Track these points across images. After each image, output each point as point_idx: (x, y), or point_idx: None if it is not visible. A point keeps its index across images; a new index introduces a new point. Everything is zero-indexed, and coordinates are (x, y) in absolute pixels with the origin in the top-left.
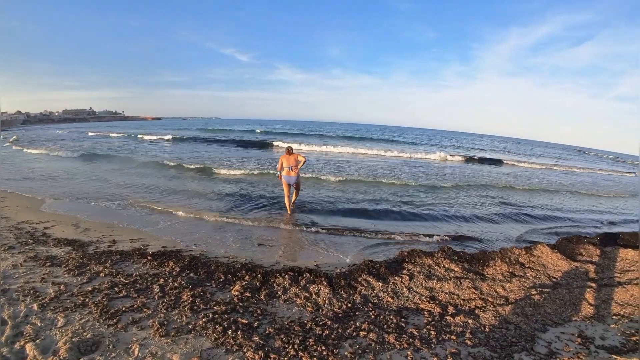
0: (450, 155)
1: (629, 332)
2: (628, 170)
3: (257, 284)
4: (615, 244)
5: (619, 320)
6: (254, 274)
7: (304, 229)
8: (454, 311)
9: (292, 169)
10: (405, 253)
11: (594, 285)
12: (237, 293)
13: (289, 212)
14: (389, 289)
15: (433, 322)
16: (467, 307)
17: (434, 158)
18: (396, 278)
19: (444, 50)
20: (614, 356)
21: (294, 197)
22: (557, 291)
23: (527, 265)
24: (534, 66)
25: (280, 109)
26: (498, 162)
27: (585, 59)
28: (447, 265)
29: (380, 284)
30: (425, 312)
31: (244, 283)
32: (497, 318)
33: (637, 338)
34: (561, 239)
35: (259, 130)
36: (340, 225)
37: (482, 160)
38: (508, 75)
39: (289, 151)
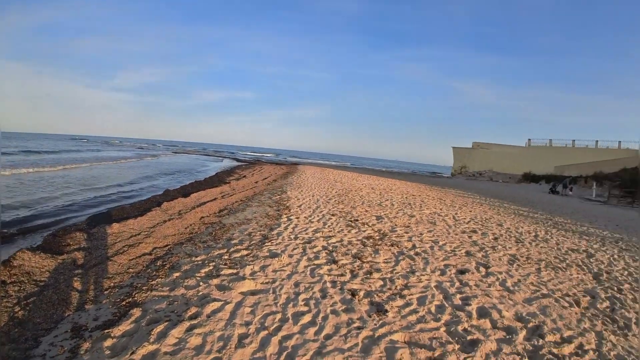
0: None
1: (119, 300)
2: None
3: None
4: (104, 223)
5: (111, 293)
6: None
7: None
8: None
9: None
10: None
11: (82, 271)
12: None
13: None
14: None
15: None
16: None
17: None
18: None
19: None
20: (107, 330)
21: None
22: (44, 295)
23: (9, 282)
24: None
25: None
26: None
27: (84, 50)
28: None
29: None
30: None
31: None
32: None
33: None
34: (46, 236)
35: None
36: None
37: None
38: None
39: None
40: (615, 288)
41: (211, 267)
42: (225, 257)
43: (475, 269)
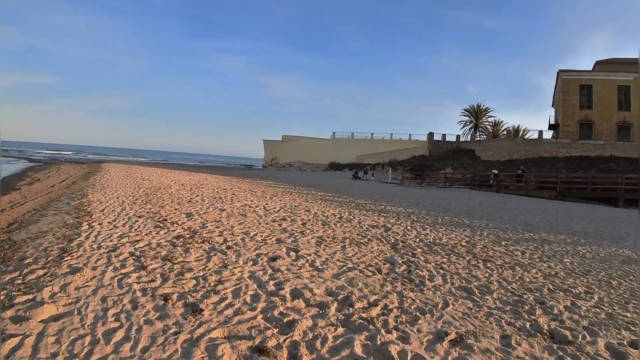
0: None
1: None
2: None
3: None
4: None
5: None
6: None
7: None
8: None
9: None
10: None
11: None
12: None
13: None
14: None
15: None
16: None
17: None
18: None
19: None
20: None
21: None
22: None
23: None
24: None
25: None
26: None
27: None
28: None
29: None
30: None
31: None
32: None
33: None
34: None
35: None
36: None
37: None
38: None
39: None
40: (410, 253)
41: (2, 297)
42: (19, 281)
43: (286, 254)
